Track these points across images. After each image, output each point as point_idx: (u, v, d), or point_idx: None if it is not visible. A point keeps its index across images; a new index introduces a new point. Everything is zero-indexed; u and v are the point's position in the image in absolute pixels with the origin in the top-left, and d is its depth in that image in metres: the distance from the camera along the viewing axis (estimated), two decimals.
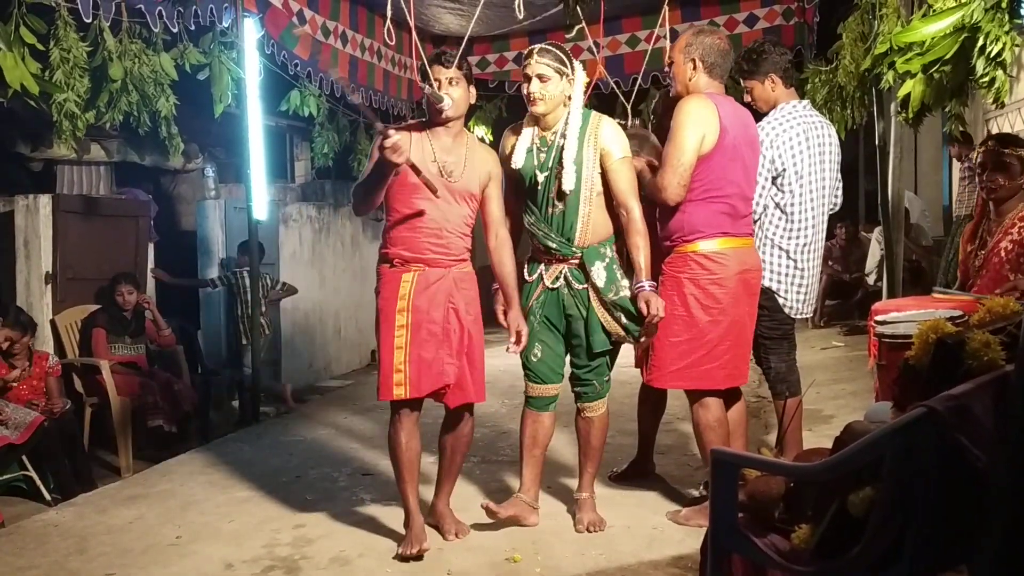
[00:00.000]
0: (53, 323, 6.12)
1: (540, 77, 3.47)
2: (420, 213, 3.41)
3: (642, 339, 3.59)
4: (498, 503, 3.84)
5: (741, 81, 3.95)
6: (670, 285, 3.55)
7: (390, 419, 3.53)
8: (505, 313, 3.59)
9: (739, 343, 3.59)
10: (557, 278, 3.61)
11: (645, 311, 3.44)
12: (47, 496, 4.87)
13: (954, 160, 7.92)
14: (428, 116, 3.51)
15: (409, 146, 3.29)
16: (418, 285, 3.43)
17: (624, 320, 3.55)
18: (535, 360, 3.66)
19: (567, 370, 3.77)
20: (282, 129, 9.40)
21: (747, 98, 3.94)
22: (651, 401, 4.23)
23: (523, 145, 3.58)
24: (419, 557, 3.43)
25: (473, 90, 3.56)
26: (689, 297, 3.50)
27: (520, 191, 3.68)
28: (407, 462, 3.50)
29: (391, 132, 3.13)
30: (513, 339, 3.53)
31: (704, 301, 3.49)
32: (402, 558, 3.45)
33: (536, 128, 3.59)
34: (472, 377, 3.55)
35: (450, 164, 3.45)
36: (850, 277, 9.40)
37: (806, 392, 4.03)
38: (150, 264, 7.14)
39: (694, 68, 3.57)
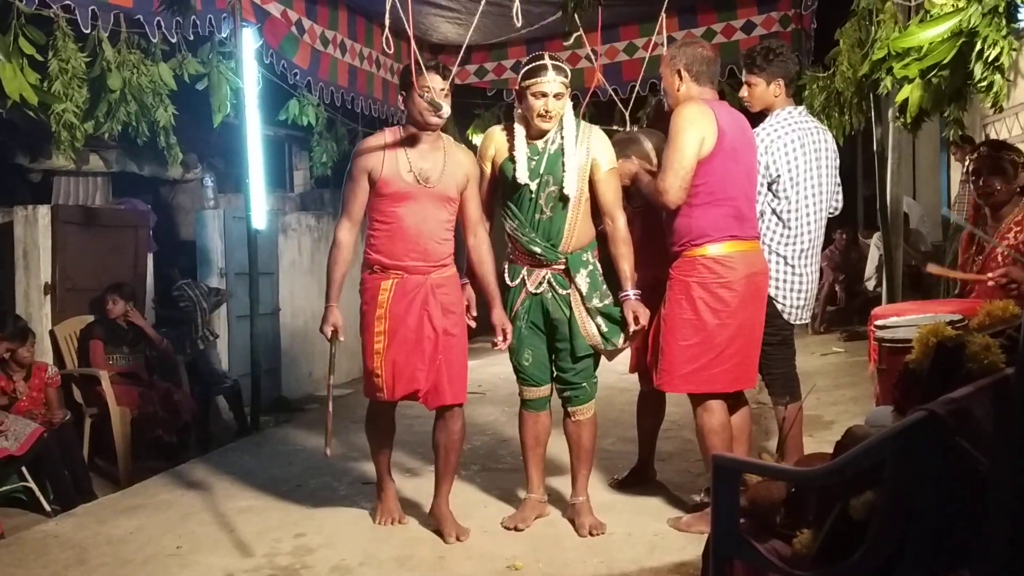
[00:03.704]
0: (52, 334, 6.11)
1: (557, 96, 3.50)
2: (398, 220, 3.51)
3: (620, 346, 3.63)
4: (503, 512, 3.90)
5: (744, 74, 3.92)
6: (678, 289, 3.56)
7: (367, 410, 3.75)
8: (488, 312, 3.66)
9: (747, 346, 3.60)
10: (540, 283, 3.66)
11: (631, 320, 3.51)
12: (47, 507, 4.86)
13: (954, 164, 7.93)
14: (412, 122, 3.54)
15: (382, 161, 3.50)
16: (395, 293, 3.54)
17: (604, 327, 3.61)
18: (527, 364, 3.74)
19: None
20: (281, 138, 9.41)
21: (743, 92, 3.93)
22: (650, 407, 4.23)
23: (521, 152, 3.59)
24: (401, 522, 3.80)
25: None
26: (698, 301, 3.50)
27: (502, 195, 3.71)
28: (383, 435, 3.78)
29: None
30: (500, 336, 3.62)
31: (713, 304, 3.49)
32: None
33: (524, 135, 3.61)
34: (449, 378, 3.62)
35: (427, 170, 3.52)
36: (846, 287, 9.44)
37: (806, 398, 4.03)
38: (149, 276, 7.13)
39: (680, 79, 3.61)
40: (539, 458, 3.84)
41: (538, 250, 3.61)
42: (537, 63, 3.54)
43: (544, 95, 3.50)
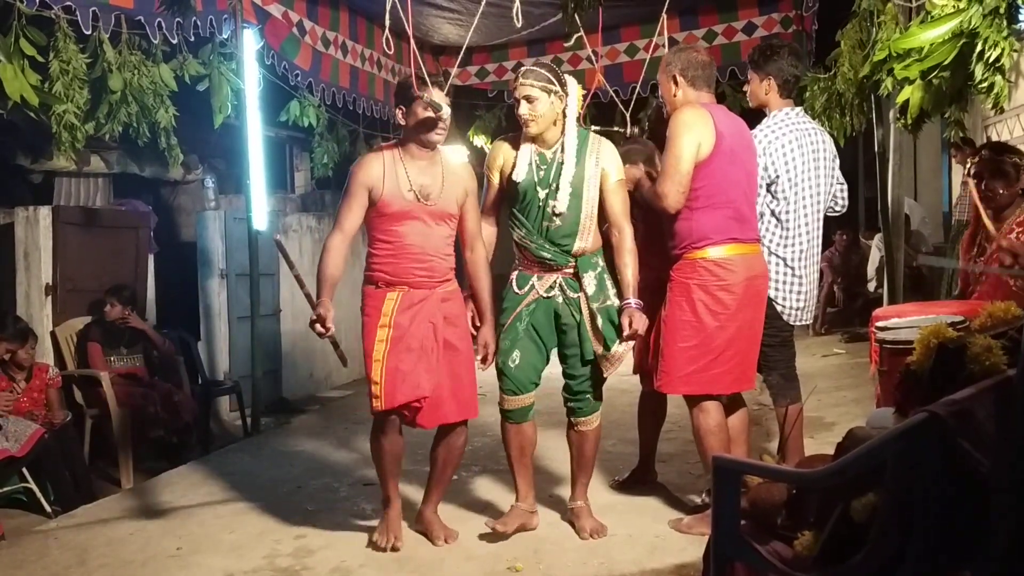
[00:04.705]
0: (53, 335, 6.11)
1: (527, 99, 3.49)
2: (401, 238, 3.47)
3: (615, 352, 3.61)
4: (499, 515, 3.86)
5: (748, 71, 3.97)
6: (678, 291, 3.56)
7: (372, 428, 3.62)
8: (477, 327, 3.63)
9: (747, 348, 3.60)
10: (552, 287, 3.63)
11: (626, 326, 3.48)
12: (47, 508, 4.85)
13: (955, 165, 7.93)
14: (411, 138, 3.50)
15: (383, 179, 3.44)
16: (401, 304, 3.48)
17: (604, 330, 3.58)
18: (512, 366, 3.65)
19: (556, 383, 3.77)
20: (282, 140, 9.41)
21: (746, 87, 3.98)
22: (651, 409, 4.23)
23: (523, 161, 3.59)
24: (395, 549, 3.59)
25: None
26: (698, 303, 3.50)
27: (509, 204, 3.70)
28: (391, 457, 3.62)
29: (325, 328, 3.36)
30: (481, 356, 3.61)
31: (713, 307, 3.49)
32: (376, 548, 3.59)
33: (534, 145, 3.61)
34: (453, 393, 3.55)
35: (427, 187, 3.49)
36: (845, 288, 9.43)
37: (807, 399, 4.02)
38: (150, 277, 7.13)
39: (676, 84, 3.62)
40: (525, 467, 3.76)
41: (548, 255, 3.59)
42: (518, 70, 3.57)
43: (518, 101, 3.51)
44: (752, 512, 2.22)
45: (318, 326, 3.38)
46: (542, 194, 3.56)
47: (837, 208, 4.03)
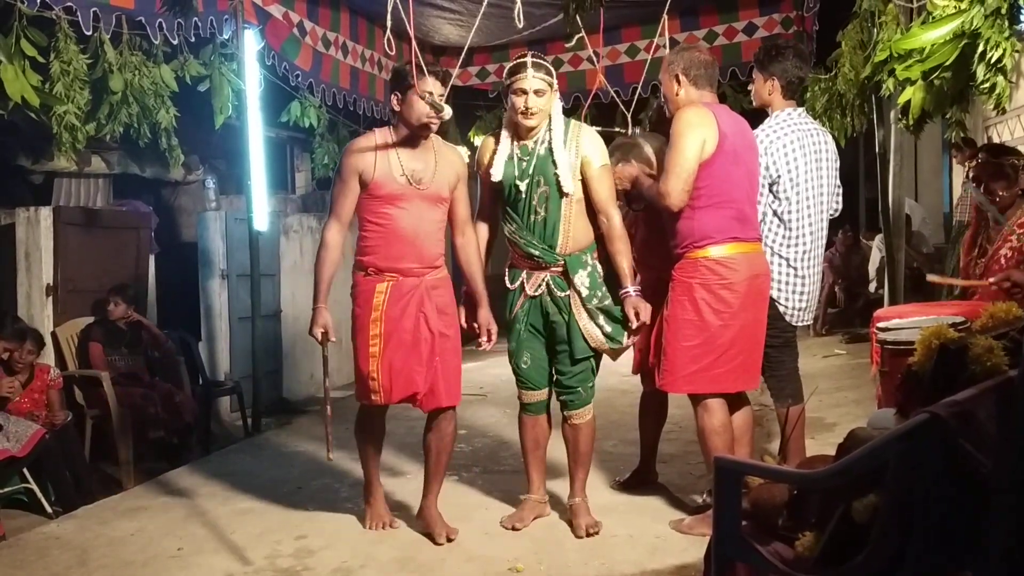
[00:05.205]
0: (54, 335, 6.11)
1: (537, 92, 3.49)
2: (393, 221, 3.50)
3: (624, 345, 3.64)
4: (504, 514, 3.91)
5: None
6: (680, 290, 3.56)
7: (358, 412, 3.76)
8: (474, 311, 3.71)
9: (750, 347, 3.60)
10: (539, 286, 3.65)
11: (632, 316, 3.51)
12: (48, 509, 4.85)
13: (956, 166, 7.93)
14: (406, 123, 3.51)
15: (374, 163, 3.48)
16: (391, 296, 3.53)
17: (608, 327, 3.61)
18: (525, 367, 3.75)
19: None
20: (282, 140, 9.41)
21: (751, 86, 4.00)
22: (652, 409, 4.23)
23: (503, 154, 3.61)
24: (393, 526, 3.81)
25: None
26: (700, 302, 3.50)
27: (499, 199, 3.71)
28: (374, 439, 3.80)
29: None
30: (484, 337, 3.68)
31: (715, 305, 3.49)
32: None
33: (514, 137, 3.61)
34: (445, 380, 3.63)
35: (419, 171, 3.52)
36: (846, 289, 9.43)
37: (808, 400, 4.02)
38: (151, 278, 7.13)
39: (679, 83, 3.62)
40: (539, 460, 3.86)
41: (536, 252, 3.61)
42: (518, 61, 3.55)
43: (524, 92, 3.49)
44: (753, 513, 2.21)
45: (319, 335, 3.55)
46: (523, 185, 3.57)
47: (831, 211, 4.03)
